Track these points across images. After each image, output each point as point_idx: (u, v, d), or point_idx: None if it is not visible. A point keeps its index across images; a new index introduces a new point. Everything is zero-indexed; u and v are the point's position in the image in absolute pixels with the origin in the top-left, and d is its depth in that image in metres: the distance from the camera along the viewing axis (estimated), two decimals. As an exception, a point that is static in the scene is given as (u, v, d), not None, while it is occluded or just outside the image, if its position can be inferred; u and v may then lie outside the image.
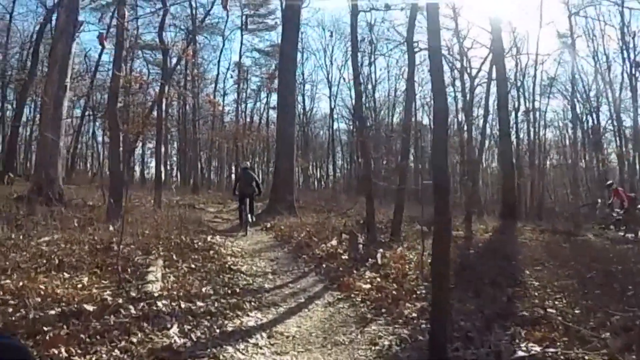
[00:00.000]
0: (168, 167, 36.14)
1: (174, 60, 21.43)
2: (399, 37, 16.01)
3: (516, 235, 10.98)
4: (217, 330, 4.13)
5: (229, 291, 5.55)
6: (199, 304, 4.75)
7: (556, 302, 5.05)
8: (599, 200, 18.41)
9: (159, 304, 4.41)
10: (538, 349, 3.65)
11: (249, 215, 11.58)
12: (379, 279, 6.19)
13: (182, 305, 4.53)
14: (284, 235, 10.25)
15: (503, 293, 5.48)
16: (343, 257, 7.69)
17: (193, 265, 6.54)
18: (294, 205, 14.47)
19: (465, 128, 22.55)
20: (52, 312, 4.01)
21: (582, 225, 14.19)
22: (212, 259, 7.27)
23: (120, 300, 4.43)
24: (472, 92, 22.46)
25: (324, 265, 7.26)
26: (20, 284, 4.63)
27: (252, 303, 5.23)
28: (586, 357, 3.51)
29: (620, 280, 6.16)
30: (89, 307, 4.13)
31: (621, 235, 11.04)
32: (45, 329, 3.60)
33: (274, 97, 30.28)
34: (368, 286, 5.78)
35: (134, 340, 3.61)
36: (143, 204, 14.53)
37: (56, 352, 3.30)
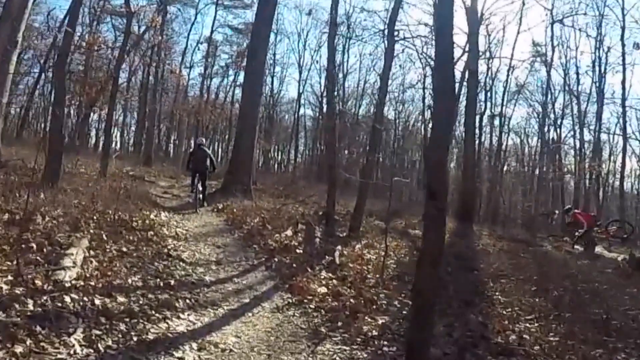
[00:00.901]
0: (125, 136, 34.48)
1: (142, 29, 20.19)
2: (378, 26, 15.35)
3: (475, 241, 10.75)
4: (135, 338, 3.30)
5: (162, 283, 4.74)
6: (120, 299, 3.90)
7: (528, 325, 4.57)
8: (556, 211, 18.60)
9: (67, 298, 3.54)
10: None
11: (201, 194, 10.90)
12: (335, 282, 5.55)
13: (97, 302, 3.65)
14: (235, 220, 9.45)
15: (470, 309, 4.98)
16: (298, 250, 7.05)
17: (125, 248, 5.63)
18: (251, 187, 13.63)
19: (430, 126, 22.18)
20: None
21: (537, 234, 14.27)
22: (150, 242, 6.41)
23: (19, 291, 3.55)
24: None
25: (275, 259, 6.54)
26: None
27: (187, 300, 4.45)
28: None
29: (588, 301, 5.86)
30: (-27, 298, 3.27)
31: (583, 250, 11.17)
32: None
33: (242, 76, 29.20)
34: (324, 290, 5.11)
35: (18, 350, 2.73)
36: (88, 172, 13.40)
37: None
